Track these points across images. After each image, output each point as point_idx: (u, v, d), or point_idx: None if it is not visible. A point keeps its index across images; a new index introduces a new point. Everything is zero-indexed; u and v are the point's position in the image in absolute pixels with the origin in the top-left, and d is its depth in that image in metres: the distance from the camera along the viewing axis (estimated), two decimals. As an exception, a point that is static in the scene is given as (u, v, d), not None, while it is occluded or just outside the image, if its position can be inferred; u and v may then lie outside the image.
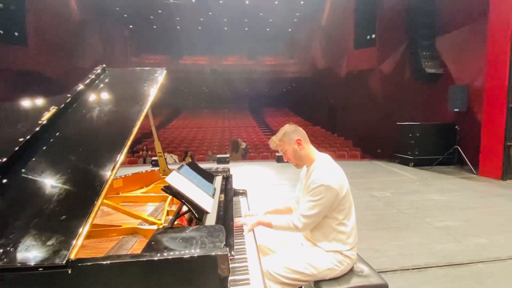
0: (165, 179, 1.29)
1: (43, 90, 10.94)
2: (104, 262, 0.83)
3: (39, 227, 0.88)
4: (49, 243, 0.83)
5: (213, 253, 0.88)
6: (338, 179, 1.51)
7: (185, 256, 0.86)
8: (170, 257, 0.85)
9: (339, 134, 14.19)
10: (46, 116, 1.32)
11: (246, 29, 20.85)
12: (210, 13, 18.78)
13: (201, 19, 19.56)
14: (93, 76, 1.76)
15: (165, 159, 2.36)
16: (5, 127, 1.33)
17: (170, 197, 1.73)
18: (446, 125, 7.09)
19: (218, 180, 2.08)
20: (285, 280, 1.48)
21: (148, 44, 20.77)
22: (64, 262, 0.79)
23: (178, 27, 20.18)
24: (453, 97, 6.70)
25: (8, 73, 10.51)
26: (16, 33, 11.00)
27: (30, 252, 0.81)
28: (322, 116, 16.81)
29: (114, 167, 1.10)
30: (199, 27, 20.36)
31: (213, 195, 1.64)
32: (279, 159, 8.38)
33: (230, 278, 1.13)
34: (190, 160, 9.49)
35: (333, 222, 1.52)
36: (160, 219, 1.39)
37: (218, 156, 8.64)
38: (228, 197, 1.74)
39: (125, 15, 17.82)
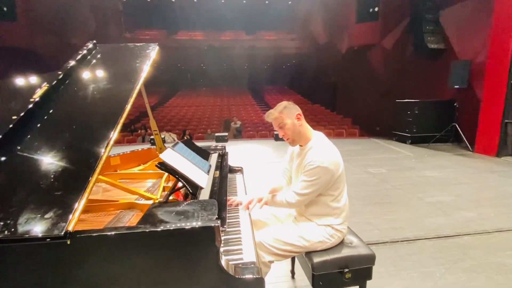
0: (160, 156, 1.32)
1: (34, 68, 10.71)
2: (101, 234, 0.87)
3: (37, 201, 0.92)
4: (47, 216, 0.87)
5: (205, 225, 0.92)
6: (334, 159, 1.53)
7: (178, 228, 0.91)
8: (163, 228, 0.89)
9: (339, 111, 14.13)
10: (39, 93, 1.31)
11: (244, 1, 20.00)
12: (206, -15, 17.96)
13: (197, -9, 18.73)
14: (84, 52, 1.73)
15: (163, 137, 2.37)
16: (6, 102, 1.33)
17: (167, 174, 1.76)
18: (445, 102, 7.05)
19: (214, 157, 2.11)
20: (277, 252, 1.56)
21: (142, 19, 20.01)
22: (63, 233, 0.83)
23: (173, 0, 19.35)
24: (454, 73, 6.60)
25: (1, 50, 10.22)
26: (4, 8, 10.56)
27: (30, 225, 0.85)
28: (322, 93, 16.62)
29: (108, 144, 1.12)
30: (195, 0, 19.53)
31: (208, 171, 1.68)
32: (277, 137, 8.41)
33: (224, 248, 1.21)
34: (189, 138, 9.52)
35: (328, 198, 1.56)
36: (156, 195, 1.44)
37: (217, 134, 8.65)
38: (223, 174, 1.77)
39: (117, -12, 17.03)
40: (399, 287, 1.99)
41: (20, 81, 1.50)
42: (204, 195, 1.37)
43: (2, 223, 0.85)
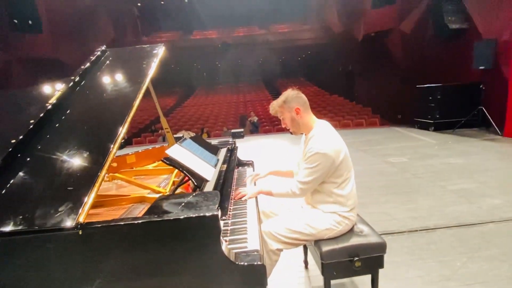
0: (166, 151, 1.38)
1: (59, 76, 11.35)
2: (109, 224, 0.94)
3: (51, 196, 1.01)
4: (61, 209, 0.95)
5: (205, 214, 0.97)
6: (334, 146, 1.53)
7: (179, 217, 0.96)
8: (166, 218, 0.95)
9: (358, 101, 13.74)
10: (55, 96, 1.41)
11: (256, -5, 19.83)
12: (218, -18, 18.01)
13: (209, -10, 18.83)
14: (94, 58, 1.82)
15: (182, 136, 2.45)
16: (19, 111, 1.45)
17: (177, 169, 1.84)
18: (469, 85, 6.65)
19: (223, 152, 2.16)
20: (285, 240, 1.58)
21: (157, 22, 20.49)
22: (74, 224, 0.91)
23: (186, 0, 19.60)
24: (479, 53, 6.19)
25: (26, 61, 10.89)
26: (30, 22, 11.22)
27: (45, 218, 0.94)
28: (339, 83, 16.23)
29: (116, 140, 1.20)
30: (208, -1, 19.65)
31: (215, 165, 1.73)
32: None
33: (229, 237, 1.25)
34: (207, 136, 9.71)
35: (331, 186, 1.56)
36: (166, 189, 1.51)
37: (233, 131, 8.75)
38: (230, 167, 1.82)
39: (132, -7, 17.52)
40: (415, 276, 1.95)
41: (38, 88, 1.62)
42: (209, 187, 1.42)
43: (21, 217, 0.94)
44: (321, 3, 17.21)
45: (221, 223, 1.01)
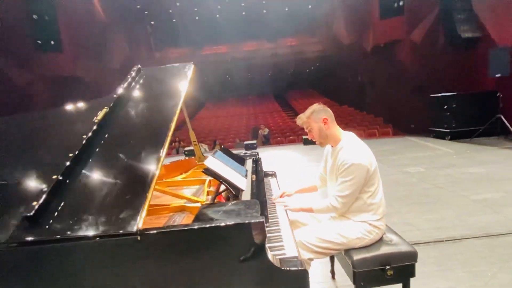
0: (204, 162, 1.46)
1: (79, 92, 11.86)
2: (165, 230, 1.02)
3: (111, 204, 1.09)
4: (121, 216, 1.04)
5: (252, 221, 1.03)
6: (367, 156, 1.58)
7: (229, 224, 1.02)
8: (220, 224, 1.02)
9: (369, 111, 13.71)
10: (100, 114, 1.53)
11: (264, 11, 20.39)
12: (227, 0, 18.65)
13: (218, 7, 19.50)
14: (131, 77, 1.96)
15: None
16: (69, 126, 1.57)
17: (208, 180, 1.92)
18: (486, 93, 6.60)
19: (249, 163, 2.24)
20: (317, 249, 1.62)
21: (169, 38, 21.18)
22: (135, 229, 0.98)
23: (197, 17, 20.31)
24: (494, 61, 6.16)
25: (48, 80, 11.42)
26: (52, 42, 11.84)
27: (109, 224, 1.02)
28: (349, 94, 16.27)
29: (162, 153, 1.29)
30: (217, 15, 20.32)
31: (246, 175, 1.80)
32: (306, 142, 8.39)
33: (267, 245, 1.30)
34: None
35: (365, 195, 1.60)
36: (202, 198, 1.58)
37: (246, 142, 8.85)
38: (259, 177, 1.89)
39: (146, 12, 18.31)
40: (446, 287, 1.93)
41: (82, 105, 1.75)
42: (245, 197, 1.48)
43: (87, 223, 1.03)
44: (329, 15, 17.54)
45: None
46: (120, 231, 0.99)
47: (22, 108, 9.77)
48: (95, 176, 1.24)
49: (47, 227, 1.03)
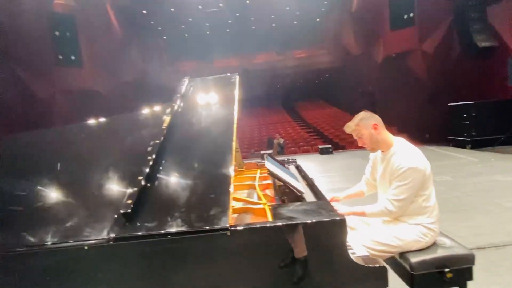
0: (265, 165, 1.53)
1: (97, 105, 12.21)
2: (254, 226, 1.07)
3: (198, 202, 1.16)
4: (212, 213, 1.10)
5: (336, 218, 1.08)
6: (422, 159, 1.61)
7: (314, 221, 1.07)
8: (305, 221, 1.07)
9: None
10: (166, 121, 1.62)
11: (274, 25, 20.87)
12: (237, 14, 19.21)
13: (229, 21, 20.07)
14: (183, 86, 2.06)
15: None
16: (135, 133, 1.67)
17: (256, 184, 1.98)
18: (506, 101, 6.57)
19: (292, 169, 2.29)
20: (372, 252, 1.63)
21: (181, 52, 21.78)
22: (228, 225, 1.04)
23: (208, 32, 20.90)
24: (513, 70, 6.19)
25: (69, 93, 11.82)
26: (72, 57, 12.33)
27: (201, 220, 1.08)
28: (360, 104, 16.19)
29: (232, 155, 1.36)
30: (227, 29, 20.88)
31: (297, 179, 1.85)
32: (323, 151, 8.40)
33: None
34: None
35: (420, 198, 1.62)
36: (261, 200, 1.64)
37: (262, 152, 8.92)
38: (309, 181, 1.93)
39: (159, 28, 18.95)
40: (500, 292, 1.91)
41: (142, 113, 1.86)
42: (308, 198, 1.53)
43: (180, 219, 1.09)
44: (338, 28, 17.86)
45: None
46: (214, 227, 1.05)
47: (44, 119, 10.12)
48: (176, 177, 1.31)
49: (143, 223, 1.10)
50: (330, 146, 8.22)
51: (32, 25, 10.15)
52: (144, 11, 16.90)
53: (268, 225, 1.07)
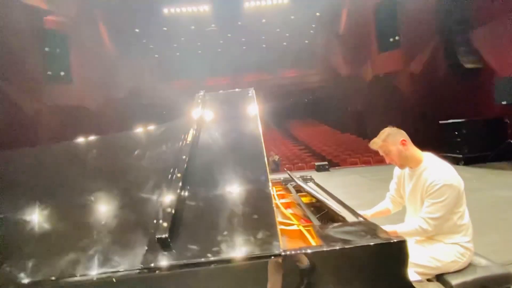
0: (303, 187, 1.44)
1: (85, 122, 11.88)
2: (309, 251, 0.96)
3: (241, 225, 1.04)
4: (259, 236, 0.99)
5: (397, 240, 0.99)
6: (455, 175, 1.56)
7: (376, 243, 0.98)
8: (364, 244, 0.97)
9: (371, 138, 13.89)
10: (189, 137, 1.52)
11: (264, 45, 21.49)
12: (229, 35, 19.68)
13: (221, 41, 20.52)
14: (200, 101, 1.98)
15: None
16: (157, 149, 1.55)
17: (278, 202, 1.87)
18: (493, 119, 6.83)
19: (312, 185, 2.20)
20: (409, 275, 1.54)
21: (173, 70, 21.86)
22: (281, 251, 0.93)
23: (200, 51, 21.22)
24: (500, 89, 6.48)
25: (57, 109, 11.47)
26: (62, 73, 12.11)
27: (249, 245, 0.96)
28: (350, 122, 16.64)
29: (267, 172, 1.27)
30: (219, 49, 21.30)
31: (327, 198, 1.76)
32: (319, 168, 8.37)
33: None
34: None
35: (455, 216, 1.55)
36: (292, 221, 1.53)
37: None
38: (336, 198, 1.85)
39: (151, 46, 19.06)
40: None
41: (161, 128, 1.75)
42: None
43: (225, 244, 0.97)
44: (327, 49, 18.53)
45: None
46: (266, 253, 0.94)
47: (30, 136, 9.69)
48: (209, 196, 1.19)
49: (183, 249, 0.97)
50: (326, 163, 8.20)
51: (21, 40, 9.96)
52: (137, 30, 17.03)
53: (325, 249, 0.96)
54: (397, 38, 12.04)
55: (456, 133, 6.95)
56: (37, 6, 10.45)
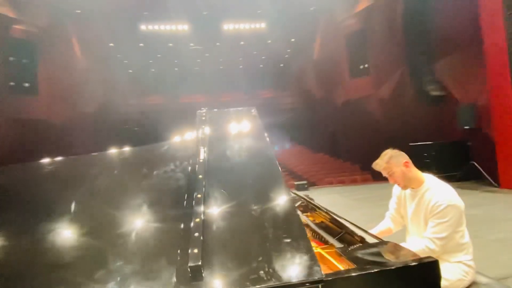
0: (318, 207, 1.41)
1: (50, 136, 11.03)
2: (347, 275, 0.93)
3: (274, 249, 0.98)
4: (297, 261, 0.93)
5: (431, 260, 0.99)
6: (456, 195, 1.64)
7: (412, 264, 0.97)
8: (403, 265, 0.96)
9: (344, 159, 14.46)
10: (202, 153, 1.45)
11: (241, 66, 22.00)
12: (206, 54, 19.90)
13: (198, 60, 20.63)
14: (204, 118, 1.93)
15: None
16: (163, 166, 1.46)
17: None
18: (458, 142, 7.45)
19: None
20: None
21: (147, 87, 21.38)
22: (323, 276, 0.89)
23: (176, 68, 21.11)
24: (462, 115, 7.14)
25: (18, 123, 10.56)
26: (26, 84, 11.29)
27: (288, 271, 0.90)
28: (323, 142, 17.21)
29: (287, 189, 1.24)
30: (196, 68, 21.36)
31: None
32: (299, 188, 8.43)
33: None
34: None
35: (457, 235, 1.62)
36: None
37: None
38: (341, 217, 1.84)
39: (125, 61, 18.60)
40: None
41: (163, 145, 1.66)
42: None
43: (263, 271, 0.90)
44: (301, 73, 19.40)
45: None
46: (308, 279, 0.88)
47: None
48: (234, 218, 1.13)
49: (217, 278, 0.88)
50: (305, 182, 8.30)
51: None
52: (112, 44, 16.60)
53: (364, 272, 0.93)
54: (366, 65, 12.97)
55: (425, 154, 7.45)
56: (3, 14, 9.84)
